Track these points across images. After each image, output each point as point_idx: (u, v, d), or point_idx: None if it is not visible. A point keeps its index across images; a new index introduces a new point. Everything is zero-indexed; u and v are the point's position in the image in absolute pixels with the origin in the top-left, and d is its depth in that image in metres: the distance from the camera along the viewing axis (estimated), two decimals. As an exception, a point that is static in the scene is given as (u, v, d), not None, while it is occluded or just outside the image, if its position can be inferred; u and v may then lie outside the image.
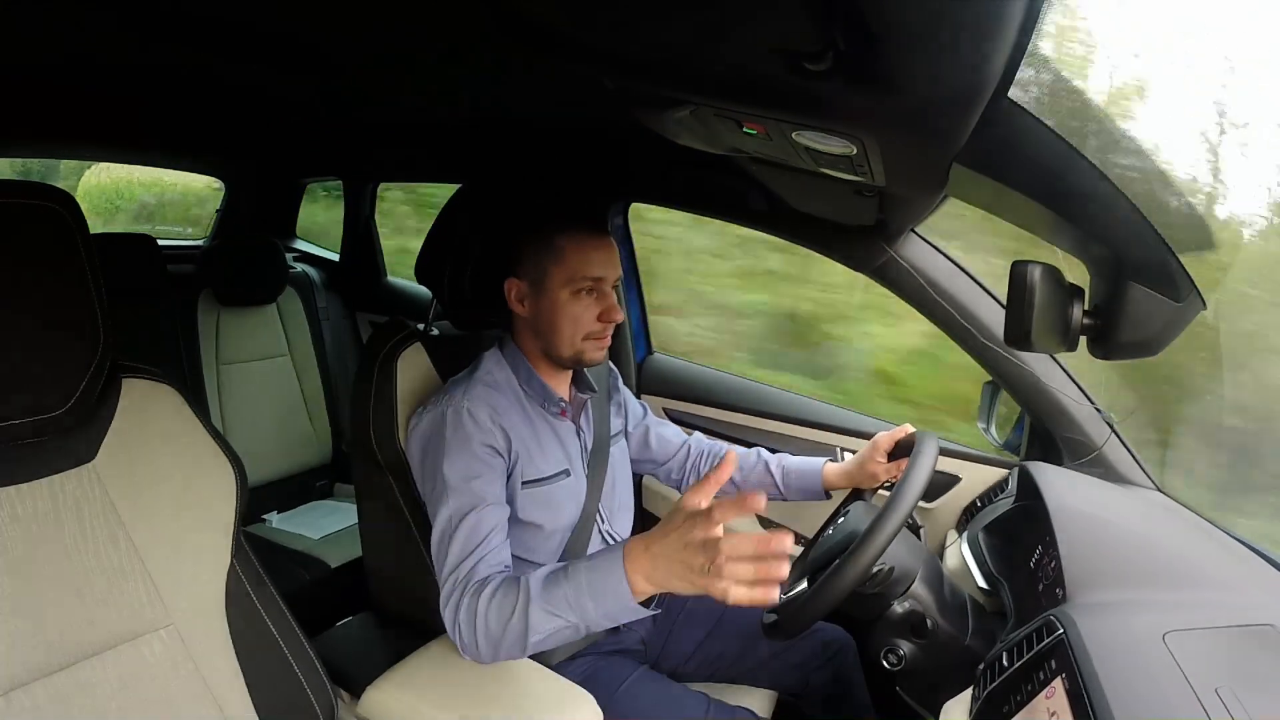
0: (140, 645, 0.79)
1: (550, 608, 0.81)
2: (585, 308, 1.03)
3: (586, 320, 1.04)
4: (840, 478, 1.23)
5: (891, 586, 0.97)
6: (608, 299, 1.05)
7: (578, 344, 1.05)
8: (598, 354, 1.06)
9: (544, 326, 1.05)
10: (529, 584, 0.83)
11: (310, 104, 1.45)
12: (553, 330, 1.04)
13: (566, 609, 0.81)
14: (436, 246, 1.14)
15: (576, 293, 1.02)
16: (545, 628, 0.82)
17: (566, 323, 1.03)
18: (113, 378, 0.80)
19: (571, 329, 1.04)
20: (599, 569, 0.80)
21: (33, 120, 1.68)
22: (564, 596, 0.81)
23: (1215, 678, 0.65)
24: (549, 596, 0.81)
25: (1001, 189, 0.68)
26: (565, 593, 0.81)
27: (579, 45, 0.54)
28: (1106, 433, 1.20)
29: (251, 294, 2.07)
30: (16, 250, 0.68)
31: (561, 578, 0.82)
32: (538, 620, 0.81)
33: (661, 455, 1.32)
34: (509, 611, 0.83)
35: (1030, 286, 0.67)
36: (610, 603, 0.79)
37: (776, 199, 1.29)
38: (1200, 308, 0.70)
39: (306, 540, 1.83)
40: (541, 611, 0.81)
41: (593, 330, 1.04)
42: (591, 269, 1.02)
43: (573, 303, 1.03)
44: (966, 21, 0.36)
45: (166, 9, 0.81)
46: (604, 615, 0.80)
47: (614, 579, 0.78)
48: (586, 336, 1.04)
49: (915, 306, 1.30)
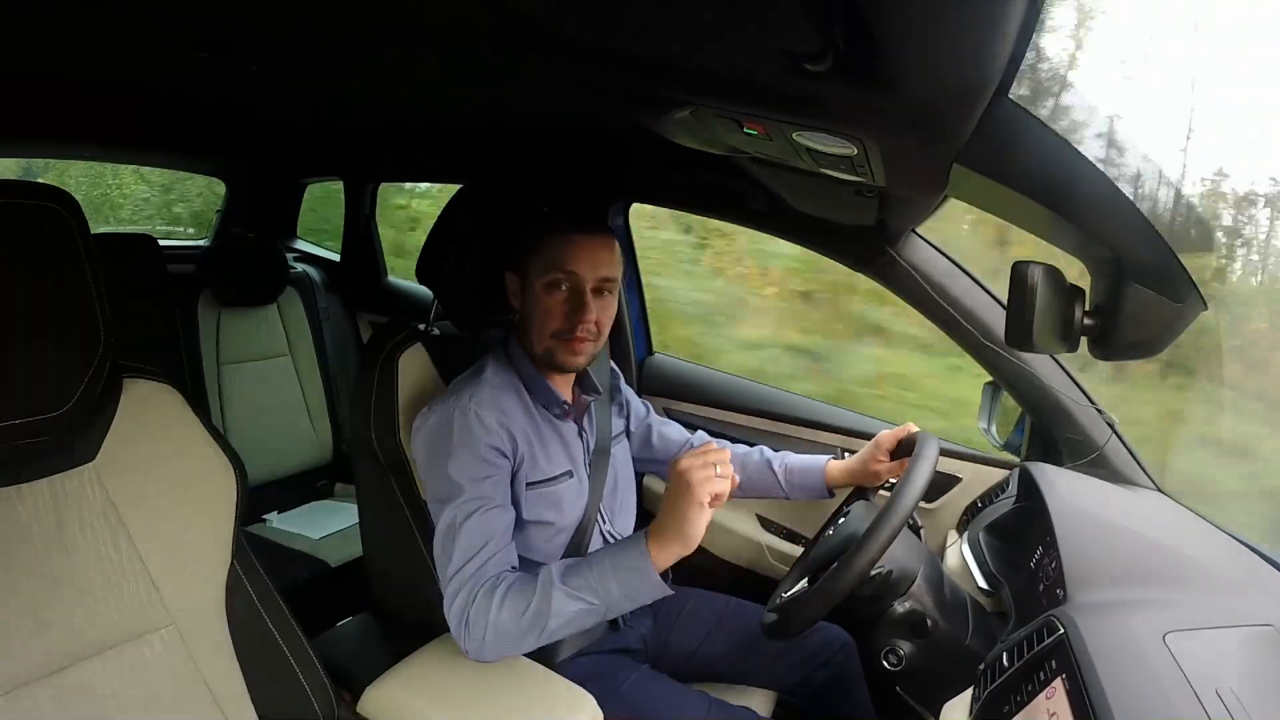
0: (141, 645, 0.79)
1: (572, 590, 0.87)
2: (556, 303, 1.00)
3: (555, 317, 1.00)
4: (843, 475, 1.23)
5: (891, 588, 0.97)
6: (580, 297, 1.00)
7: (546, 341, 1.02)
8: (569, 357, 1.02)
9: (525, 322, 1.06)
10: (550, 571, 0.89)
11: (311, 104, 1.45)
12: (529, 324, 1.04)
13: (589, 591, 0.87)
14: (437, 247, 1.14)
15: (549, 285, 1.00)
16: (566, 610, 0.86)
17: (537, 316, 1.02)
18: (113, 378, 0.80)
19: (541, 323, 1.02)
20: (622, 550, 0.88)
21: (33, 120, 1.68)
22: (586, 580, 0.87)
23: (1216, 678, 0.65)
24: (571, 581, 0.87)
25: (1002, 189, 0.68)
26: (587, 577, 0.87)
27: (579, 46, 0.54)
28: (1107, 433, 1.20)
29: (252, 294, 2.07)
30: (17, 250, 0.68)
31: (583, 564, 0.89)
32: (559, 604, 0.86)
33: (664, 454, 1.32)
34: (526, 602, 0.87)
35: (1031, 287, 0.67)
36: (633, 581, 0.86)
37: (777, 199, 1.29)
38: (1201, 308, 0.69)
39: (307, 540, 1.83)
40: (563, 595, 0.86)
41: (559, 329, 1.01)
42: (567, 261, 0.99)
43: (544, 296, 1.01)
44: (966, 22, 0.36)
45: (167, 9, 0.81)
46: (626, 595, 0.87)
47: (636, 556, 0.86)
48: (554, 334, 1.01)
49: (916, 307, 1.30)
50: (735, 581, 1.56)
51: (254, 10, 0.80)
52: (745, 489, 1.26)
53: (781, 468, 1.27)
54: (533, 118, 1.28)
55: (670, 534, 0.85)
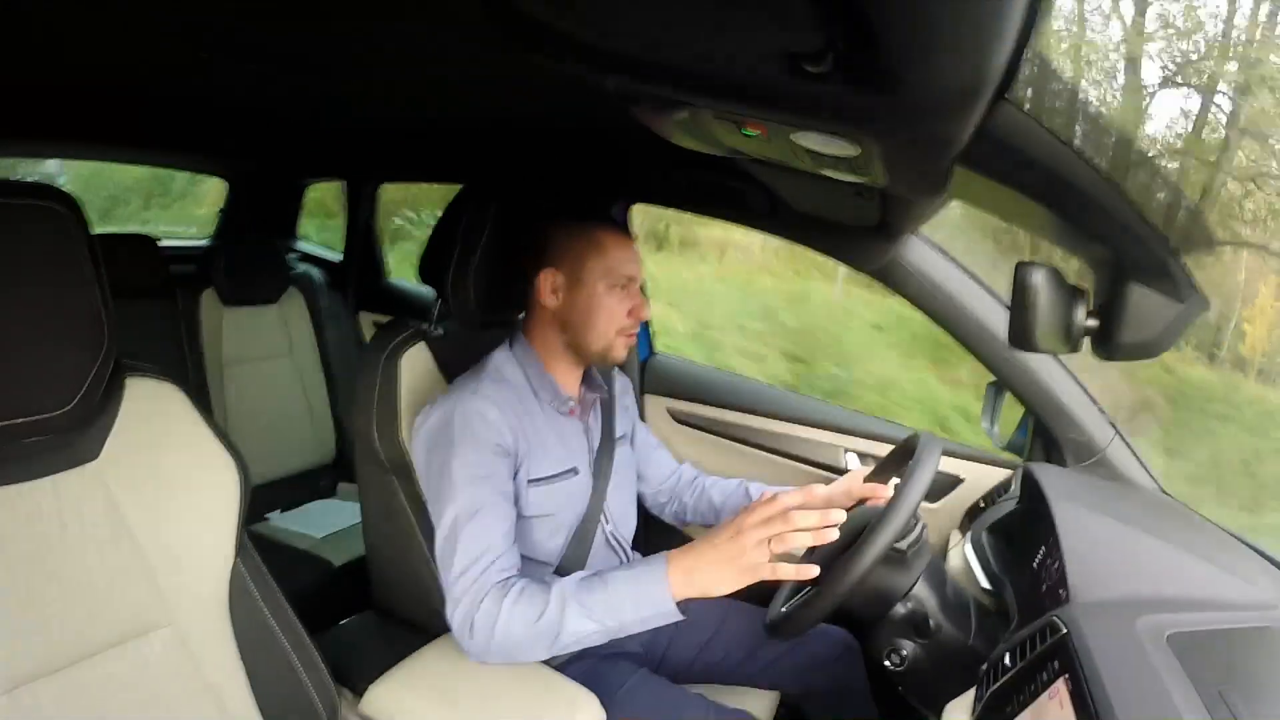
0: (143, 644, 0.79)
1: (586, 611, 0.86)
2: (619, 302, 1.07)
3: (620, 314, 1.07)
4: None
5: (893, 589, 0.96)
6: (636, 296, 1.09)
7: (610, 337, 1.07)
8: (622, 352, 1.09)
9: (577, 319, 1.07)
10: (564, 588, 0.88)
11: (311, 105, 1.45)
12: (586, 323, 1.06)
13: (603, 613, 0.86)
14: (440, 246, 1.14)
15: (613, 287, 1.06)
16: (579, 630, 0.86)
17: (602, 316, 1.06)
18: (116, 377, 0.80)
19: (606, 322, 1.06)
20: (640, 576, 0.87)
21: (33, 120, 1.68)
22: (601, 601, 0.86)
23: (1218, 679, 0.65)
24: (585, 600, 0.86)
25: (1003, 190, 0.67)
26: (602, 597, 0.86)
27: (579, 46, 0.54)
28: (1110, 434, 1.19)
29: (254, 294, 2.08)
30: (19, 250, 0.68)
31: (598, 583, 0.87)
32: (572, 623, 0.85)
33: (655, 479, 1.33)
34: (536, 614, 0.86)
35: (1033, 288, 0.67)
36: (647, 607, 0.86)
37: (778, 199, 1.28)
38: (1204, 308, 0.69)
39: (309, 539, 1.84)
40: (577, 615, 0.86)
41: (624, 325, 1.08)
42: (627, 267, 1.07)
43: (609, 296, 1.06)
44: (967, 22, 0.36)
45: (167, 9, 0.81)
46: (639, 620, 0.86)
47: (655, 583, 0.85)
48: (619, 331, 1.08)
49: (918, 307, 1.29)
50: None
51: (254, 10, 0.80)
52: (721, 515, 1.29)
53: (759, 493, 1.27)
54: (533, 118, 1.28)
55: (695, 576, 0.85)
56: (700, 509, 1.30)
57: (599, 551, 1.14)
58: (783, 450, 1.52)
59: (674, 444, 1.63)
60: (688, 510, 1.31)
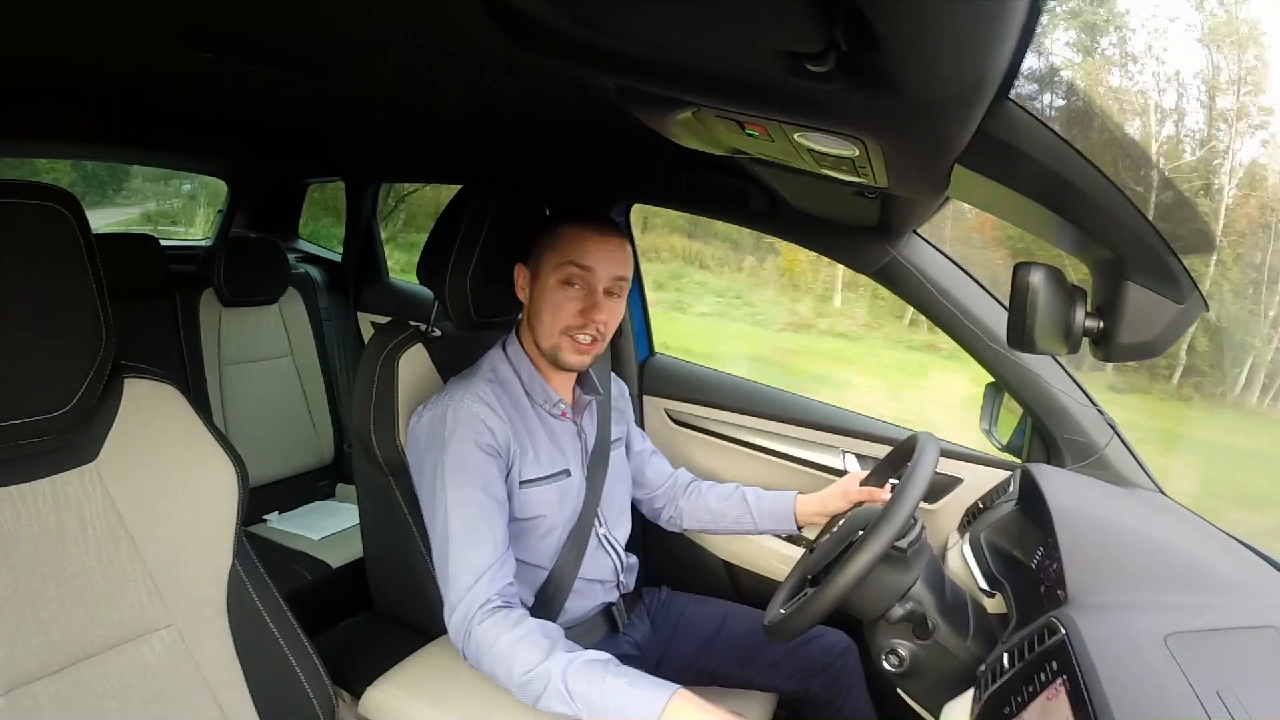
0: (141, 645, 0.79)
1: (568, 695, 0.82)
2: (569, 298, 1.01)
3: (567, 311, 1.01)
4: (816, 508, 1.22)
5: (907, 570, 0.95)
6: (593, 295, 1.01)
7: (555, 336, 1.02)
8: (573, 356, 1.03)
9: (533, 314, 1.05)
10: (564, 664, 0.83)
11: (312, 105, 1.45)
12: (537, 318, 1.04)
13: (584, 705, 0.81)
14: (439, 247, 1.14)
15: (564, 281, 1.01)
16: (555, 706, 0.82)
17: (548, 310, 1.02)
18: (115, 378, 0.80)
19: (551, 317, 1.02)
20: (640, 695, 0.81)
21: (34, 120, 1.68)
22: (588, 694, 0.81)
23: (1217, 679, 0.65)
24: (574, 687, 0.82)
25: (1003, 190, 0.68)
26: (592, 691, 0.81)
27: (579, 46, 0.54)
28: (1109, 434, 1.20)
29: (253, 294, 2.07)
30: (18, 250, 0.68)
31: (596, 676, 0.82)
32: (551, 699, 0.82)
33: (650, 485, 1.32)
34: (525, 667, 0.84)
35: (1032, 288, 0.67)
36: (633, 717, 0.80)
37: (778, 199, 1.29)
38: (1203, 309, 0.69)
39: (308, 540, 1.83)
40: (559, 693, 0.82)
41: (571, 325, 1.01)
42: (583, 257, 1.00)
43: (557, 290, 1.01)
44: (968, 22, 0.36)
45: (167, 10, 0.81)
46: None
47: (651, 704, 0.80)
48: (565, 330, 1.02)
49: (917, 308, 1.30)
50: (736, 582, 1.56)
51: (255, 10, 0.80)
52: (717, 519, 1.28)
53: (755, 497, 1.27)
54: (533, 118, 1.28)
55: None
56: (697, 514, 1.30)
57: (593, 554, 1.14)
58: (781, 451, 1.52)
59: (672, 445, 1.63)
60: (684, 515, 1.31)
